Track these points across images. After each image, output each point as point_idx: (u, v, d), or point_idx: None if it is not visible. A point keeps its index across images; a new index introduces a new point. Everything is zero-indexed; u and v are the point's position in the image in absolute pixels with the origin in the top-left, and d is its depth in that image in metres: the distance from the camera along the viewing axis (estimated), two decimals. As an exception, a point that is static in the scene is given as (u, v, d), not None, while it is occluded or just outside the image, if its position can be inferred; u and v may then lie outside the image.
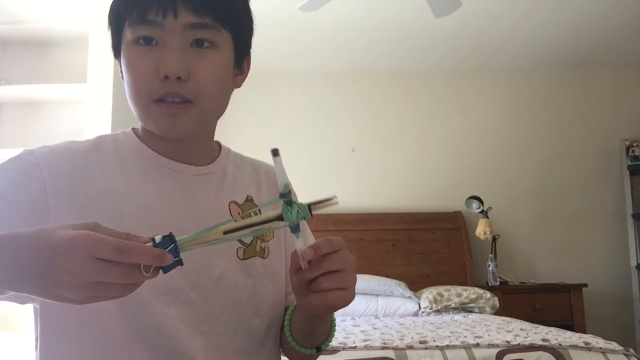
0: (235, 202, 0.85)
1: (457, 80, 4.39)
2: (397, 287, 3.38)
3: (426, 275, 3.88)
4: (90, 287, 0.51)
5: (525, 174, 4.23)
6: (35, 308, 0.78)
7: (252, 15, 0.85)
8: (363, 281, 3.45)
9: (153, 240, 0.53)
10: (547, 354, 1.95)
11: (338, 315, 3.30)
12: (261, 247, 0.85)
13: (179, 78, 0.73)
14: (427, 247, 3.98)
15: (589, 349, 1.99)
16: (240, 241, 0.82)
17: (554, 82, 4.36)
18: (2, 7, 3.29)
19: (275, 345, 0.87)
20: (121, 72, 0.80)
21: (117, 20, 0.78)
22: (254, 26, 0.86)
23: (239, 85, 0.87)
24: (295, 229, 0.61)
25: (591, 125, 4.28)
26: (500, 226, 4.02)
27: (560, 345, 2.00)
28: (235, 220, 0.59)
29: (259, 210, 0.80)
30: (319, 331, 0.80)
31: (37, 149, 0.78)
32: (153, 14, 0.73)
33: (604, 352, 1.99)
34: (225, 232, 0.57)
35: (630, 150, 4.07)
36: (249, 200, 0.87)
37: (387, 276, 3.62)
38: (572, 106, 4.33)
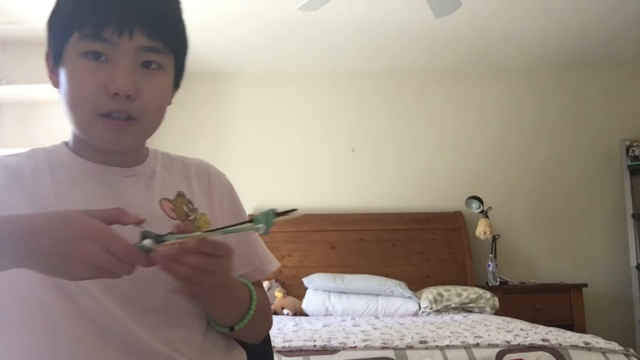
0: (166, 199, 0.89)
1: (457, 80, 4.39)
2: (397, 287, 3.38)
3: (426, 275, 3.88)
4: (96, 270, 0.64)
5: (525, 174, 4.23)
6: None
7: (189, 40, 0.90)
8: (363, 281, 3.45)
9: (144, 237, 0.68)
10: (547, 354, 1.95)
11: (338, 315, 3.30)
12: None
13: (128, 96, 0.77)
14: (427, 247, 3.98)
15: (589, 349, 2.00)
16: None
17: (553, 82, 4.36)
18: (2, 7, 3.29)
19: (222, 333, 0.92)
20: (51, 77, 0.85)
21: (64, 28, 0.79)
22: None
23: (170, 103, 0.91)
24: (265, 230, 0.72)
25: (591, 125, 4.28)
26: (500, 226, 4.02)
27: (560, 345, 2.00)
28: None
29: (191, 203, 0.90)
30: (218, 310, 0.85)
31: None
32: (109, 32, 0.75)
33: (603, 352, 1.99)
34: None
35: (631, 150, 4.06)
36: (180, 195, 0.90)
37: (387, 276, 3.62)
38: (572, 106, 4.32)
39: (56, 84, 0.84)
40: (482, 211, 3.92)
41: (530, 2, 3.37)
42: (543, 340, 2.05)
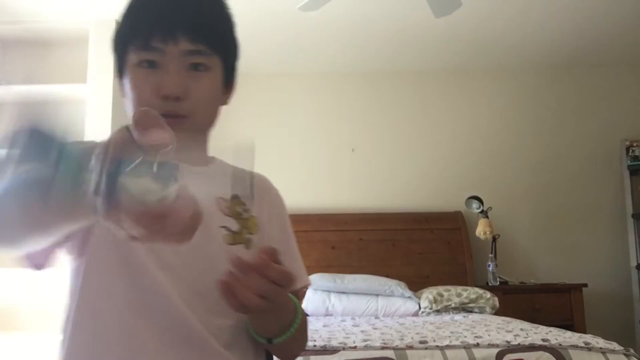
0: (223, 198, 0.94)
1: (457, 80, 4.39)
2: (397, 287, 3.38)
3: (426, 275, 3.88)
4: None
5: (526, 174, 4.23)
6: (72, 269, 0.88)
7: (238, 41, 0.96)
8: (363, 281, 3.45)
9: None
10: (547, 354, 1.95)
11: (338, 315, 3.30)
12: (247, 237, 0.93)
13: (177, 98, 0.84)
14: (427, 247, 3.98)
15: (589, 349, 1.99)
16: (228, 228, 0.91)
17: (554, 82, 4.36)
18: (2, 6, 3.28)
19: None
20: (121, 90, 0.91)
21: (122, 45, 0.88)
22: (240, 51, 0.97)
23: (225, 103, 0.98)
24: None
25: (591, 125, 4.28)
26: (500, 226, 4.02)
27: (560, 345, 2.00)
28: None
29: (245, 205, 0.95)
30: (262, 324, 0.88)
31: None
32: (155, 41, 0.83)
33: (604, 352, 1.99)
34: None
35: (630, 150, 4.06)
36: (235, 197, 0.96)
37: (387, 276, 3.61)
38: (572, 106, 4.33)
39: (124, 95, 0.91)
40: (482, 211, 3.91)
41: (530, 2, 3.37)
42: (543, 340, 2.05)
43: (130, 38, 0.86)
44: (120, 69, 0.90)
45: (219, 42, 0.89)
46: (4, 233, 0.63)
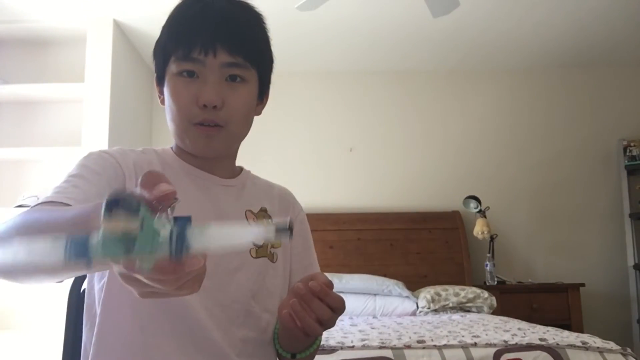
0: (251, 211, 1.00)
1: (455, 80, 4.39)
2: (394, 286, 3.38)
3: (424, 274, 3.89)
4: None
5: (523, 174, 4.24)
6: (96, 288, 0.89)
7: (273, 56, 1.01)
8: (361, 281, 3.45)
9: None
10: (544, 354, 1.95)
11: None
12: (270, 251, 0.98)
13: (215, 107, 0.88)
14: (425, 247, 3.99)
15: (587, 349, 2.00)
16: (253, 242, 0.92)
17: (551, 82, 4.37)
18: (0, 6, 3.28)
19: None
20: (159, 97, 0.97)
21: (163, 55, 0.93)
22: (274, 64, 1.01)
23: (259, 113, 1.01)
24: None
25: (589, 125, 4.29)
26: (498, 226, 4.02)
27: (557, 344, 2.00)
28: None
29: (271, 219, 0.99)
30: (294, 341, 0.92)
31: (105, 149, 0.94)
32: (196, 53, 0.88)
33: (601, 351, 1.99)
34: None
35: (628, 150, 4.07)
36: (263, 210, 1.02)
37: (385, 276, 3.62)
38: (570, 106, 4.33)
39: (162, 102, 0.96)
40: (479, 211, 3.92)
41: (528, 2, 3.37)
42: (540, 339, 2.05)
43: (172, 49, 0.90)
44: (160, 77, 0.95)
45: (255, 55, 0.93)
46: (16, 274, 0.64)
